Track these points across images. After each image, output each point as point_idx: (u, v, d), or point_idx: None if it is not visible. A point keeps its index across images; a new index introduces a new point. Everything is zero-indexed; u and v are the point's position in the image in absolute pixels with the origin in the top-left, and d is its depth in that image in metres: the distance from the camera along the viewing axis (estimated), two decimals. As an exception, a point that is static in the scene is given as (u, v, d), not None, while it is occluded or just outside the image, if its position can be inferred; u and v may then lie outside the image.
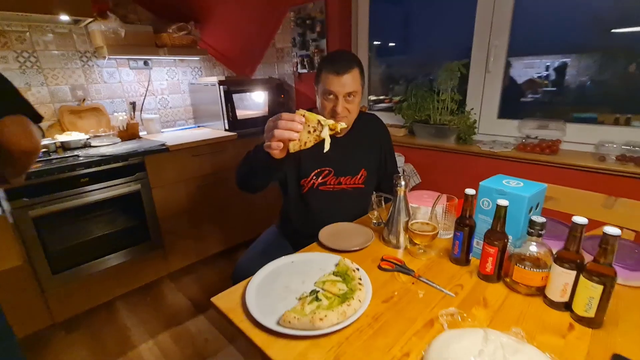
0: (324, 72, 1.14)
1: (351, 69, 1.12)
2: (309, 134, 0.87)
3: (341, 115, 1.16)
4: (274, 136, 0.84)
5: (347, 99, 1.15)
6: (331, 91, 1.13)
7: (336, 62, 1.12)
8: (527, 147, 1.58)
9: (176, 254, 2.22)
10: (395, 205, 1.08)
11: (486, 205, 0.94)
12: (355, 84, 1.14)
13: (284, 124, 0.84)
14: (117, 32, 1.92)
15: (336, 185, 1.31)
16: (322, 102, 1.18)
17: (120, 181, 1.87)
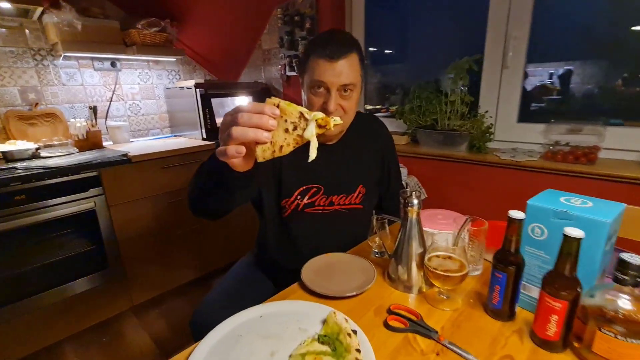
0: (313, 57, 0.86)
1: (348, 54, 0.86)
2: (287, 133, 0.55)
3: (334, 115, 0.87)
4: (230, 137, 0.52)
5: (342, 94, 0.88)
6: (321, 82, 0.85)
7: (329, 44, 0.85)
8: (558, 156, 1.31)
9: (141, 284, 1.88)
10: (405, 233, 0.79)
11: (538, 233, 0.65)
12: (354, 74, 0.88)
13: (248, 119, 0.52)
14: (72, 24, 1.65)
15: (327, 207, 1.02)
16: (309, 98, 0.90)
17: (69, 199, 1.56)
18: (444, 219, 0.99)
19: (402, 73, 2.06)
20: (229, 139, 0.53)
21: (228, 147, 0.53)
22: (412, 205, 0.77)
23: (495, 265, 0.66)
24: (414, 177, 1.73)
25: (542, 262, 0.65)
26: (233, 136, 0.52)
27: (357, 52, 0.89)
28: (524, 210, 0.65)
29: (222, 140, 0.56)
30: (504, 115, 1.53)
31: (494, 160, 1.43)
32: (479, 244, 0.84)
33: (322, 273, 0.85)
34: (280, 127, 0.54)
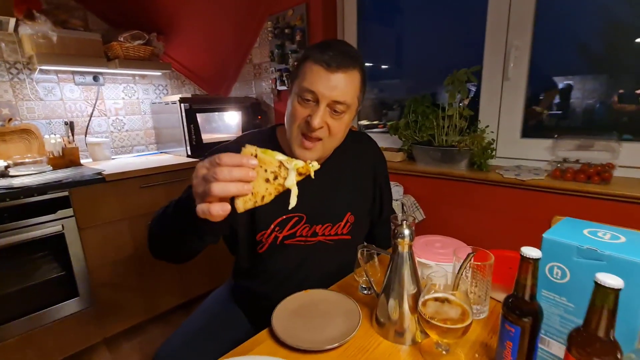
0: (309, 62, 0.74)
1: (349, 68, 0.74)
2: (268, 183, 0.53)
3: (316, 134, 0.75)
4: (211, 194, 0.48)
5: (332, 112, 0.75)
6: (312, 90, 0.73)
7: (329, 50, 0.73)
8: (567, 174, 1.19)
9: (115, 313, 1.73)
10: (394, 269, 0.66)
11: (558, 275, 0.52)
12: (350, 93, 0.75)
13: (228, 173, 0.48)
14: (46, 36, 1.56)
15: (309, 238, 0.88)
16: (293, 107, 0.77)
17: (33, 221, 1.43)
18: (443, 247, 0.86)
19: (400, 88, 1.97)
20: (208, 195, 0.49)
21: (212, 206, 0.49)
22: (402, 236, 0.64)
23: (506, 315, 0.53)
24: (410, 196, 1.60)
25: (564, 311, 0.52)
26: (214, 193, 0.48)
27: (360, 69, 0.77)
28: (536, 239, 0.53)
29: (198, 196, 0.51)
30: (506, 130, 1.42)
31: (496, 179, 1.31)
32: (484, 281, 0.71)
33: (299, 316, 0.71)
34: (261, 177, 0.52)
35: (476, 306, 0.71)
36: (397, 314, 0.66)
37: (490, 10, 1.36)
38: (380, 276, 0.80)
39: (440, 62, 1.71)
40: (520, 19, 1.29)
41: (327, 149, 0.81)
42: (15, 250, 1.41)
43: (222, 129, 2.24)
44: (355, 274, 0.82)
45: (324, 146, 0.79)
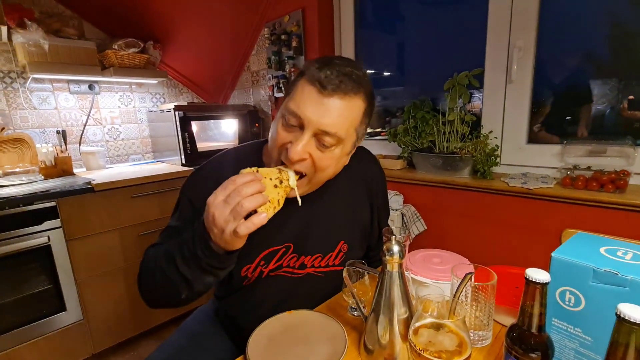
0: (303, 79, 0.63)
1: (349, 93, 0.61)
2: (276, 188, 0.58)
3: (296, 167, 0.63)
4: (244, 210, 0.52)
5: (320, 143, 0.62)
6: (297, 114, 0.60)
7: (328, 68, 0.60)
8: (578, 182, 1.10)
9: (104, 328, 1.66)
10: (383, 290, 0.58)
11: (571, 302, 0.45)
12: (345, 123, 0.62)
13: (249, 189, 0.53)
14: (38, 44, 1.54)
15: (297, 270, 0.78)
16: (276, 129, 0.65)
17: (18, 233, 1.38)
18: (442, 263, 0.78)
19: (402, 95, 1.90)
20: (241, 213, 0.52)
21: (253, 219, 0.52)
22: (391, 253, 0.57)
23: (510, 349, 0.45)
24: (410, 205, 1.53)
25: (580, 344, 0.44)
26: (247, 207, 0.52)
27: (364, 98, 0.64)
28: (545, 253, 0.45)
29: (227, 222, 0.53)
30: (510, 136, 1.34)
31: (501, 187, 1.23)
32: (486, 303, 0.63)
33: (278, 342, 0.64)
34: (269, 185, 0.57)
35: (478, 332, 0.63)
36: (387, 341, 0.58)
37: (491, 10, 1.30)
38: (370, 295, 0.72)
39: (442, 67, 1.64)
40: (523, 18, 1.23)
41: (313, 183, 0.68)
42: (0, 262, 1.36)
43: (219, 137, 2.20)
44: (344, 294, 0.75)
45: (309, 181, 0.66)
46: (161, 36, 2.14)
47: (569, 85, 1.28)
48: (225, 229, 0.53)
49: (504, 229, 1.27)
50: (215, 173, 0.74)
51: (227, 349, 0.87)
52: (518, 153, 1.34)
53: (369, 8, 1.86)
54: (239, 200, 0.52)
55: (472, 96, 1.44)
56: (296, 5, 1.86)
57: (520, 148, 1.33)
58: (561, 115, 1.31)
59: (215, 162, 0.79)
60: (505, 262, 0.88)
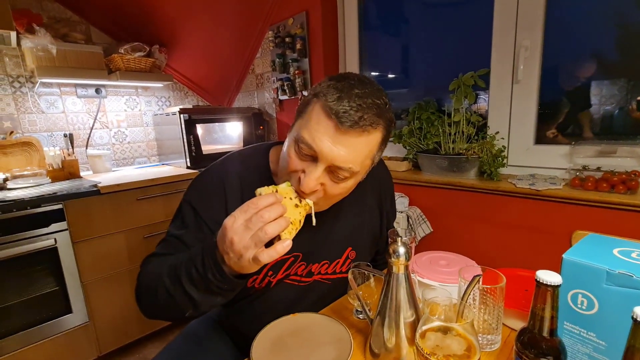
0: (317, 105, 0.58)
1: (369, 128, 0.56)
2: (297, 207, 0.57)
3: (308, 196, 0.60)
4: (267, 236, 0.49)
5: (333, 175, 0.60)
6: (310, 146, 0.57)
7: (347, 98, 0.55)
8: (587, 183, 1.08)
9: (111, 330, 1.67)
10: (389, 293, 0.57)
11: (583, 305, 0.43)
12: (361, 158, 0.59)
13: (272, 213, 0.50)
14: (46, 49, 1.56)
15: (304, 278, 0.77)
16: (289, 153, 0.61)
17: (26, 235, 1.39)
18: (449, 266, 0.77)
19: (407, 97, 1.89)
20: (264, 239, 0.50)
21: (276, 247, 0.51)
22: (397, 255, 0.56)
23: (520, 353, 0.43)
24: (416, 207, 1.51)
25: (593, 349, 0.42)
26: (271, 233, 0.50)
27: (384, 129, 0.60)
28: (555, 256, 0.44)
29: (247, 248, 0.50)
30: (517, 137, 1.33)
31: (508, 189, 1.21)
32: (495, 306, 0.61)
33: (282, 345, 0.63)
34: (290, 206, 0.55)
35: (487, 336, 0.62)
36: (393, 344, 0.57)
37: (497, 10, 1.29)
38: (376, 298, 0.71)
39: (447, 68, 1.63)
40: (529, 18, 1.21)
41: (323, 206, 0.67)
42: (6, 265, 1.37)
43: (224, 140, 2.21)
44: (349, 297, 0.74)
45: (317, 206, 0.64)
46: (167, 40, 2.16)
47: (577, 85, 1.27)
48: (244, 255, 0.50)
49: (512, 231, 1.25)
50: (219, 181, 0.72)
51: (231, 353, 0.86)
52: (525, 154, 1.32)
53: (372, 10, 1.86)
54: (262, 225, 0.49)
55: (478, 97, 1.43)
56: (300, 7, 1.86)
57: (527, 149, 1.31)
58: (569, 115, 1.29)
59: (219, 167, 0.76)
60: (514, 265, 0.86)
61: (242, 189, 0.72)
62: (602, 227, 1.03)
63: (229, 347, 0.87)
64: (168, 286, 0.60)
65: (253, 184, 0.70)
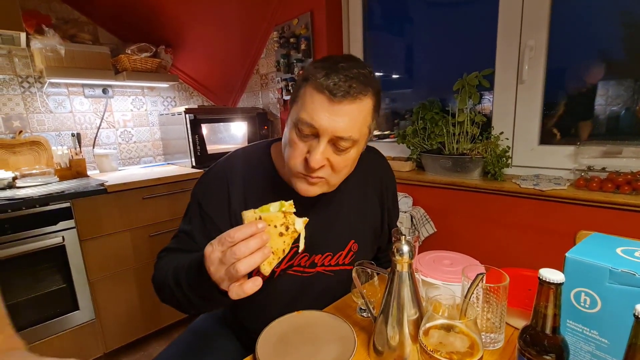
0: (309, 86, 0.62)
1: (359, 96, 0.60)
2: (282, 236, 0.53)
3: (316, 174, 0.64)
4: (238, 274, 0.48)
5: (336, 148, 0.63)
6: (310, 124, 0.60)
7: (335, 74, 0.59)
8: (592, 183, 1.08)
9: (116, 327, 1.69)
10: (392, 291, 0.58)
11: (586, 303, 0.44)
12: (359, 125, 0.63)
13: (246, 248, 0.48)
14: (55, 50, 1.59)
15: (307, 269, 0.78)
16: (290, 139, 0.65)
17: (34, 233, 1.41)
18: (452, 265, 0.78)
19: (412, 97, 1.89)
20: (236, 276, 0.49)
21: (244, 287, 0.49)
22: (401, 253, 0.56)
23: (523, 350, 0.44)
24: (420, 208, 1.51)
25: (596, 347, 0.43)
26: (242, 272, 0.48)
27: (373, 95, 0.64)
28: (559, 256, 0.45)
29: (222, 280, 0.51)
30: (522, 137, 1.32)
31: (512, 189, 1.21)
32: (498, 305, 0.62)
33: (287, 342, 0.64)
34: (274, 234, 0.52)
35: (490, 334, 0.62)
36: (397, 342, 0.58)
37: (502, 10, 1.28)
38: (380, 297, 0.72)
39: (451, 68, 1.63)
40: (535, 17, 1.21)
41: (331, 185, 0.69)
42: (16, 262, 1.40)
43: (228, 140, 2.22)
44: (353, 295, 0.74)
45: (327, 183, 0.68)
46: (172, 41, 2.18)
47: (582, 85, 1.26)
48: (221, 285, 0.52)
49: (516, 231, 1.25)
50: (223, 176, 0.75)
51: (236, 350, 0.87)
52: (530, 154, 1.31)
53: (377, 10, 1.87)
54: (234, 262, 0.48)
55: (482, 97, 1.43)
56: (305, 8, 1.87)
57: (532, 149, 1.31)
58: (574, 115, 1.28)
59: (224, 164, 0.79)
60: (518, 265, 0.86)
61: (244, 186, 0.75)
62: (606, 228, 1.03)
63: (234, 344, 0.88)
64: (172, 287, 0.63)
65: (256, 180, 0.75)
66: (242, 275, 0.49)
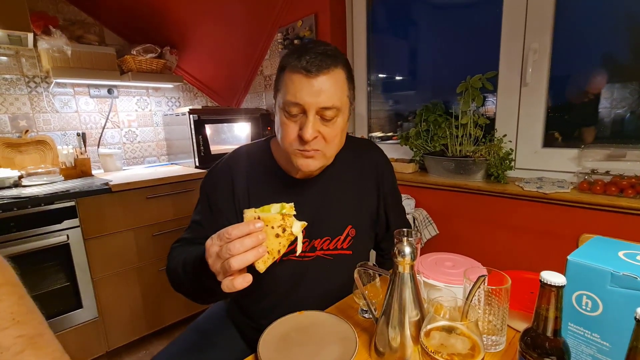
0: (287, 71, 0.69)
1: (331, 68, 0.67)
2: (279, 237, 0.55)
3: (311, 146, 0.70)
4: (230, 270, 0.51)
5: (323, 119, 0.69)
6: (296, 102, 0.67)
7: (305, 54, 0.66)
8: (596, 187, 1.07)
9: (119, 326, 1.70)
10: (394, 292, 0.58)
11: (588, 306, 0.44)
12: (338, 94, 0.69)
13: (241, 246, 0.51)
14: (61, 50, 1.61)
15: (308, 253, 0.82)
16: (282, 122, 0.72)
17: (39, 231, 1.43)
18: (454, 267, 0.78)
19: (415, 100, 1.89)
20: (229, 271, 0.51)
21: (235, 281, 0.52)
22: (402, 255, 0.56)
23: (524, 353, 0.44)
24: (422, 209, 1.51)
25: (597, 350, 0.43)
26: (234, 268, 0.50)
27: (343, 66, 0.71)
28: (561, 259, 0.45)
29: (219, 272, 0.54)
30: (525, 140, 1.32)
31: (515, 192, 1.21)
32: (500, 308, 0.62)
33: (289, 342, 0.64)
34: (271, 235, 0.54)
35: (491, 337, 0.62)
36: (398, 343, 0.58)
37: (506, 12, 1.29)
38: (382, 298, 0.72)
39: (454, 71, 1.63)
40: (539, 20, 1.21)
41: (328, 156, 0.75)
42: (21, 260, 1.41)
43: (232, 140, 2.23)
44: (355, 296, 0.75)
45: (324, 155, 0.74)
46: (177, 42, 2.20)
47: (587, 88, 1.26)
48: (218, 277, 0.55)
49: (519, 234, 1.25)
50: (228, 170, 0.82)
51: (238, 348, 0.88)
52: (533, 157, 1.31)
53: (381, 13, 1.87)
54: (228, 257, 0.51)
55: (486, 100, 1.43)
56: (309, 10, 1.88)
57: (535, 152, 1.30)
58: (578, 118, 1.28)
59: (229, 159, 0.85)
60: (520, 268, 0.86)
61: (247, 178, 0.81)
62: (610, 231, 1.03)
63: (237, 342, 0.89)
64: (182, 276, 0.68)
65: (258, 172, 0.82)
66: (235, 270, 0.51)
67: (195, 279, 0.64)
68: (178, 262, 0.70)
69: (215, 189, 0.81)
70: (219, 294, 0.62)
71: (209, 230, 0.75)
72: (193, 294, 0.70)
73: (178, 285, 0.72)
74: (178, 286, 0.73)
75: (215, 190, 0.81)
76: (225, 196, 0.80)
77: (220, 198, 0.80)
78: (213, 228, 0.63)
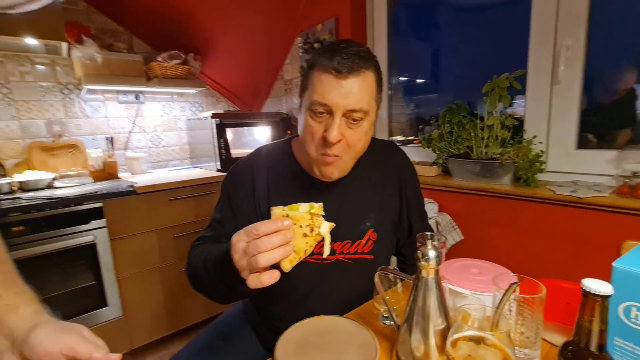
0: (316, 71, 0.67)
1: (362, 70, 0.66)
2: (306, 237, 0.54)
3: (333, 150, 0.68)
4: (258, 266, 0.50)
5: (349, 121, 0.68)
6: (323, 103, 0.65)
7: (337, 54, 0.65)
8: (637, 191, 0.99)
9: (142, 325, 1.73)
10: (418, 299, 0.55)
11: (637, 319, 0.39)
12: (366, 97, 0.67)
13: (269, 243, 0.50)
14: (93, 58, 1.69)
15: (327, 256, 0.80)
16: (306, 123, 0.70)
17: (68, 231, 1.48)
18: (482, 274, 0.73)
19: (437, 103, 1.85)
20: (255, 267, 0.51)
21: (262, 277, 0.51)
22: (426, 259, 0.54)
23: (564, 369, 0.40)
24: (446, 214, 1.46)
25: None
26: (261, 265, 0.50)
27: (374, 69, 0.70)
28: (600, 268, 0.40)
29: (244, 269, 0.54)
30: (557, 141, 1.25)
31: (547, 196, 1.14)
32: (533, 318, 0.57)
33: (306, 347, 0.63)
34: (298, 234, 0.53)
35: (524, 349, 0.58)
36: (422, 353, 0.55)
37: (535, 9, 1.23)
38: (404, 304, 0.69)
39: (479, 72, 1.58)
40: (572, 15, 1.15)
41: (348, 162, 0.74)
42: (50, 259, 1.47)
43: (252, 144, 2.26)
44: (375, 301, 0.72)
45: (344, 160, 0.72)
46: (201, 48, 2.26)
47: (625, 85, 1.18)
48: (242, 274, 0.54)
49: (551, 240, 1.17)
50: (249, 168, 0.82)
51: (256, 351, 0.87)
52: (566, 159, 1.24)
53: (402, 16, 1.85)
54: (255, 254, 0.50)
55: (513, 100, 1.37)
56: (330, 14, 1.88)
57: (568, 154, 1.23)
58: (614, 118, 1.20)
59: (249, 158, 0.86)
60: (553, 276, 0.80)
61: (268, 176, 0.81)
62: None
63: (254, 345, 0.88)
64: (202, 274, 0.67)
65: (278, 170, 0.82)
66: (262, 268, 0.51)
67: (217, 275, 0.63)
68: (199, 259, 0.70)
69: (236, 188, 0.81)
70: (239, 292, 0.62)
71: (230, 228, 0.76)
72: (213, 292, 0.69)
73: (198, 283, 0.72)
74: (198, 284, 0.72)
75: (236, 189, 0.81)
76: (246, 195, 0.80)
77: (241, 197, 0.80)
78: (233, 227, 0.63)
